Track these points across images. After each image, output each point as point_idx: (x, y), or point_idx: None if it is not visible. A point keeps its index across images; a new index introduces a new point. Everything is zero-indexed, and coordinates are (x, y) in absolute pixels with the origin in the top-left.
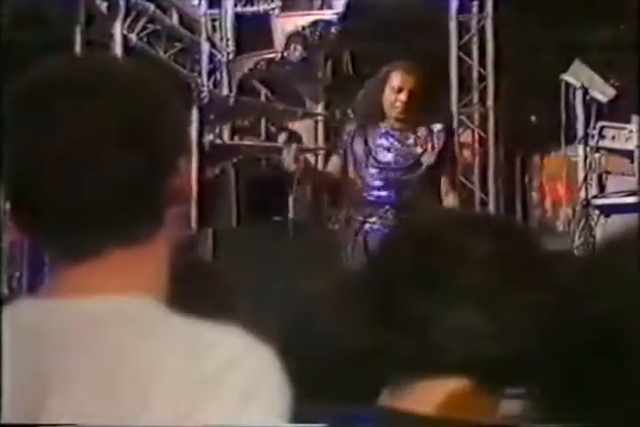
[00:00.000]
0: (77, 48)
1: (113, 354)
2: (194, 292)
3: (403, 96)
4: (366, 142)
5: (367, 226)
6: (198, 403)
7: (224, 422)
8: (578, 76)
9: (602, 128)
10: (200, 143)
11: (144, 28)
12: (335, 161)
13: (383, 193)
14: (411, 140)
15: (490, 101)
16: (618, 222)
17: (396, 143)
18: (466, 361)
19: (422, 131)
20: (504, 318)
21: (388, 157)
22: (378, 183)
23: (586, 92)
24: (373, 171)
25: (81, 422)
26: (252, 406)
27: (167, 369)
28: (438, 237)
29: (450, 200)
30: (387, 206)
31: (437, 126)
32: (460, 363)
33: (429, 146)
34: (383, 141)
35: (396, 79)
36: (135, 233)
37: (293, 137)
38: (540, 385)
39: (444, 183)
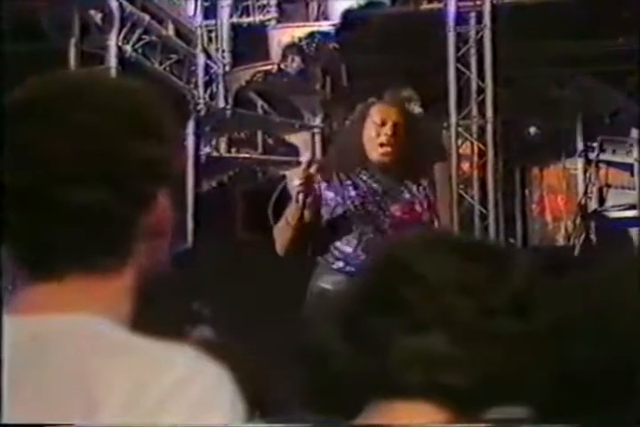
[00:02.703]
0: (72, 59)
1: (56, 371)
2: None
3: (387, 129)
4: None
5: None
6: (151, 419)
7: None
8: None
9: (602, 141)
10: (196, 156)
11: (139, 40)
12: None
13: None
14: (406, 195)
15: (489, 113)
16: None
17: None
18: (425, 386)
19: (411, 184)
20: (465, 345)
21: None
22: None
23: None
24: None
25: None
26: (206, 420)
27: (117, 387)
28: (404, 260)
29: None
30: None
31: (425, 180)
32: (419, 387)
33: (425, 203)
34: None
35: (378, 113)
36: (99, 264)
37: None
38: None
39: None
